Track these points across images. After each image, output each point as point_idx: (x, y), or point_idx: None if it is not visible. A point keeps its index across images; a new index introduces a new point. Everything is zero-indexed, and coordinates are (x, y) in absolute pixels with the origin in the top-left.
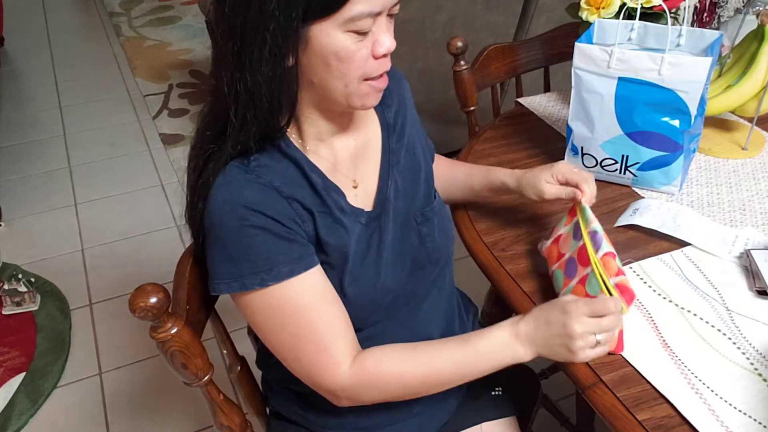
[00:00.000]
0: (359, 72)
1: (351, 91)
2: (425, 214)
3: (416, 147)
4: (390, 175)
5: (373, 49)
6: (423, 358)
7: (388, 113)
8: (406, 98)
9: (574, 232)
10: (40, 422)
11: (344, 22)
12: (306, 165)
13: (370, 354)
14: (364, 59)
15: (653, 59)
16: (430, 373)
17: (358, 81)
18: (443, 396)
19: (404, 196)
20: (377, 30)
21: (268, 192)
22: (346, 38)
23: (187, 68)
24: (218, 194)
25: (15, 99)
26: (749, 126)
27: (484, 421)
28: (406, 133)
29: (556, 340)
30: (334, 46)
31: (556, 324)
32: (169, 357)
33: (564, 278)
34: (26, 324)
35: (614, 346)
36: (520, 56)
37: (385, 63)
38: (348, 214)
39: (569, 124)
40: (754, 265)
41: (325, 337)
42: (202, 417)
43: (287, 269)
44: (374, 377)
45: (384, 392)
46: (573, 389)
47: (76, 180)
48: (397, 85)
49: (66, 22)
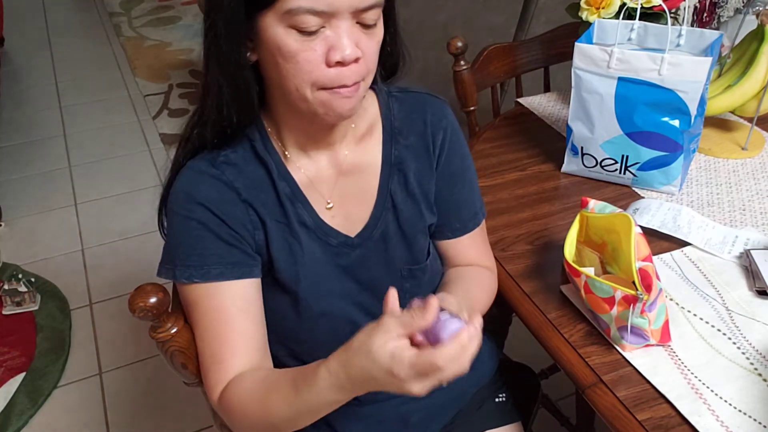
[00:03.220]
0: (308, 77)
1: (305, 97)
2: (414, 271)
3: (421, 202)
4: (382, 216)
5: (328, 55)
6: (265, 401)
7: (396, 151)
8: (428, 141)
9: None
10: (40, 422)
11: (283, 15)
12: (277, 171)
13: (234, 384)
14: (311, 63)
15: (653, 59)
16: (271, 416)
17: (311, 88)
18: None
19: (392, 246)
20: (334, 34)
21: (225, 191)
22: (287, 34)
23: (187, 68)
24: (178, 183)
25: (15, 99)
26: (749, 126)
27: (489, 429)
28: (410, 182)
29: (391, 389)
30: (276, 42)
31: (388, 385)
32: (169, 357)
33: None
34: (26, 324)
35: (659, 338)
36: (520, 56)
37: (344, 73)
38: (311, 230)
39: (569, 124)
40: (754, 265)
41: (226, 352)
42: (202, 417)
43: (217, 271)
44: (230, 409)
45: (239, 427)
46: (573, 389)
47: (76, 180)
48: (422, 123)
49: (66, 22)
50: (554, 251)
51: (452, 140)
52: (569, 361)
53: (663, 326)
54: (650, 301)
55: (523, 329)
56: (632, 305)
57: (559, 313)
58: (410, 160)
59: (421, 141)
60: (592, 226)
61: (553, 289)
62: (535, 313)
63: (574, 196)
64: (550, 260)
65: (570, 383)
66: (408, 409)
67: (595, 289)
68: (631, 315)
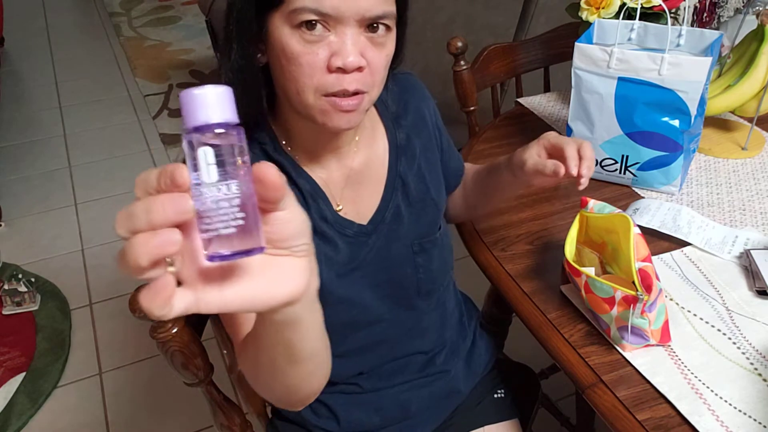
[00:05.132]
0: (310, 81)
1: (307, 102)
2: (423, 244)
3: (426, 175)
4: (392, 198)
5: (330, 60)
6: None
7: (400, 134)
8: (425, 115)
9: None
10: (40, 422)
11: (289, 15)
12: (293, 169)
13: None
14: (313, 67)
15: (653, 59)
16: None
17: (314, 93)
18: (440, 399)
19: (404, 222)
20: (339, 40)
21: None
22: (292, 36)
23: (187, 68)
24: None
25: (15, 99)
26: (749, 126)
27: (487, 424)
28: (417, 157)
29: None
30: (281, 42)
31: None
32: (169, 357)
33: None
34: (26, 324)
35: (659, 339)
36: (520, 56)
37: (346, 80)
38: (331, 224)
39: (569, 124)
40: (754, 265)
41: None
42: (202, 417)
43: None
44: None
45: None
46: (573, 389)
47: (76, 180)
48: (415, 100)
49: (66, 22)
50: (554, 251)
51: (435, 110)
52: (569, 361)
53: (663, 326)
54: (650, 301)
55: (523, 329)
56: (632, 306)
57: (559, 313)
58: (414, 136)
59: (418, 117)
60: (592, 226)
61: (553, 289)
62: (535, 313)
63: (574, 196)
64: (550, 260)
65: (570, 383)
66: (408, 398)
67: (596, 289)
68: (632, 315)
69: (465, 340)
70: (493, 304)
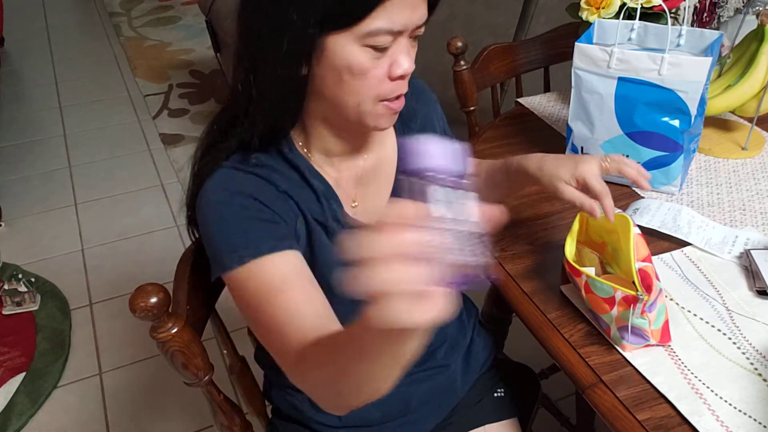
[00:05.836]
0: (373, 91)
1: (364, 110)
2: None
3: None
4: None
5: (390, 70)
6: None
7: (410, 134)
8: (433, 119)
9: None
10: (40, 422)
11: (362, 36)
12: (308, 171)
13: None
14: (378, 78)
15: (653, 59)
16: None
17: (373, 101)
18: (439, 394)
19: None
20: (396, 50)
21: (263, 184)
22: (362, 53)
23: (187, 68)
24: (210, 182)
25: (15, 99)
26: (749, 126)
27: (486, 423)
28: None
29: None
30: (347, 59)
31: None
32: (169, 357)
33: None
34: (26, 324)
35: (659, 339)
36: (520, 56)
37: (402, 85)
38: (345, 226)
39: (569, 124)
40: (754, 265)
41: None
42: (202, 417)
43: (268, 246)
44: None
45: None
46: (573, 389)
47: (76, 180)
48: (424, 105)
49: (66, 22)
50: (554, 251)
51: (442, 114)
52: (569, 361)
53: (663, 326)
54: (650, 301)
55: (523, 329)
56: (632, 306)
57: (559, 313)
58: None
59: (427, 119)
60: (592, 226)
61: (553, 289)
62: (535, 313)
63: None
64: (550, 260)
65: (570, 383)
66: (408, 392)
67: (596, 289)
68: (632, 315)
69: (464, 336)
70: (493, 303)
